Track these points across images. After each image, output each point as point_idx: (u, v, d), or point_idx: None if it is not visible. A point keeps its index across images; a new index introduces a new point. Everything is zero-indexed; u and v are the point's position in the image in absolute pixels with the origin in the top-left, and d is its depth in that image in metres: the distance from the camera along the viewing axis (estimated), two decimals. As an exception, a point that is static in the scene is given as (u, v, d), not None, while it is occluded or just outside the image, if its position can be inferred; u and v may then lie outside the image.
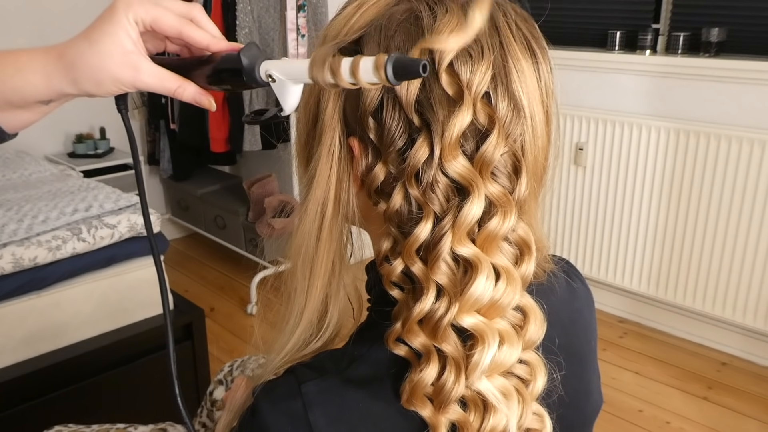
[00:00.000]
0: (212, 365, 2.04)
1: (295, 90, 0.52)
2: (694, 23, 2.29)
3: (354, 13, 0.52)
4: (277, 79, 0.52)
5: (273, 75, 0.52)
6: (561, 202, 2.63)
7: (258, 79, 0.52)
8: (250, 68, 0.52)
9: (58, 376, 1.63)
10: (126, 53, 0.53)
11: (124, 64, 0.52)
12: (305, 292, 0.57)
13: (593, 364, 0.69)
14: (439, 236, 0.49)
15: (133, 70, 0.53)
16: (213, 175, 3.36)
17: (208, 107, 0.57)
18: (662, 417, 2.07)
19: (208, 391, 1.15)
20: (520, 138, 0.51)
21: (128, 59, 0.53)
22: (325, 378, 0.52)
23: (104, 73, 0.53)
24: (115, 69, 0.52)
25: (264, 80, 0.52)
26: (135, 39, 0.53)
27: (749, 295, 2.23)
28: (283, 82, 0.52)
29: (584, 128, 2.50)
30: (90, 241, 1.68)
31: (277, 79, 0.52)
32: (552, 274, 0.62)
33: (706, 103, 2.25)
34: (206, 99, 0.57)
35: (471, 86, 0.47)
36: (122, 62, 0.52)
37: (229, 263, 3.14)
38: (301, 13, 2.52)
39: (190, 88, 0.56)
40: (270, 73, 0.52)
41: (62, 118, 2.93)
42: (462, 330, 0.49)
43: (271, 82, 0.52)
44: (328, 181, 0.54)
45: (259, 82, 0.53)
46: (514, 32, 0.51)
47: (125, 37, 0.52)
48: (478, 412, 0.50)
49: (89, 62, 0.52)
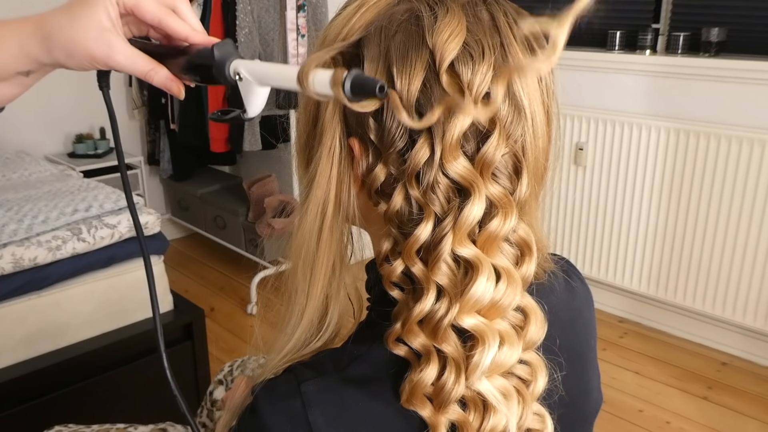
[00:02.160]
0: (212, 365, 2.04)
1: (260, 93, 0.53)
2: (694, 23, 2.29)
3: (354, 14, 0.52)
4: (244, 79, 0.52)
5: (241, 73, 0.52)
6: (561, 202, 2.63)
7: (227, 75, 0.53)
8: (220, 64, 0.53)
9: (58, 376, 1.63)
10: (102, 30, 0.54)
11: (98, 41, 0.53)
12: (305, 293, 0.57)
13: (593, 363, 0.69)
14: (439, 237, 0.49)
15: (107, 48, 0.54)
16: (213, 175, 3.36)
17: (177, 94, 0.58)
18: (662, 417, 2.07)
19: (208, 391, 1.15)
20: (520, 139, 0.51)
21: (103, 36, 0.54)
22: (324, 377, 0.52)
23: (78, 48, 0.53)
24: (90, 44, 0.53)
25: (232, 78, 0.53)
26: (113, 18, 0.54)
27: (749, 295, 2.23)
28: (249, 83, 0.53)
29: (584, 128, 2.51)
30: (90, 241, 1.68)
31: (244, 78, 0.52)
32: (551, 273, 0.62)
33: (706, 103, 2.25)
34: (176, 86, 0.57)
35: (472, 87, 0.47)
36: (97, 38, 0.53)
37: (229, 263, 3.14)
38: (301, 13, 2.52)
39: (162, 73, 0.56)
40: (238, 71, 0.53)
41: (62, 118, 2.93)
42: (462, 330, 0.49)
43: (238, 80, 0.53)
44: (329, 182, 0.54)
45: (227, 78, 0.53)
46: (515, 32, 0.51)
47: (104, 14, 0.54)
48: (478, 412, 0.50)
49: (65, 34, 0.53)
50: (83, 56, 0.54)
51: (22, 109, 2.80)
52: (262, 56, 2.67)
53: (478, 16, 0.50)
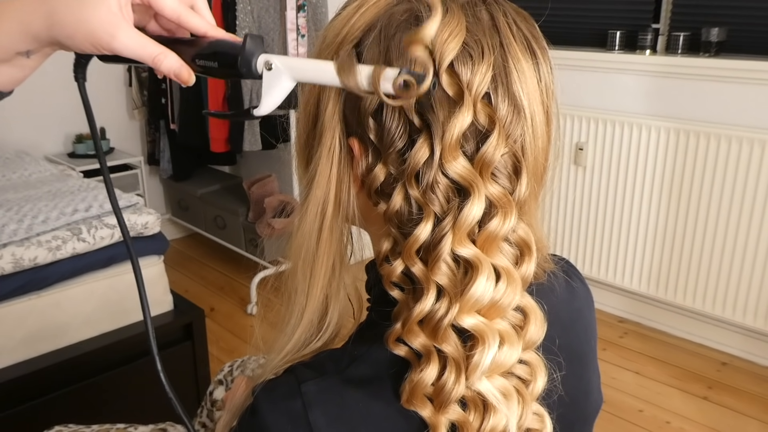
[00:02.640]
0: (212, 365, 2.04)
1: (284, 88, 0.52)
2: (694, 23, 2.29)
3: (354, 14, 0.52)
4: (275, 69, 0.51)
5: (273, 63, 0.51)
6: (561, 202, 2.63)
7: (253, 65, 0.52)
8: (249, 54, 0.52)
9: (58, 376, 1.63)
10: (111, 13, 0.52)
11: (105, 22, 0.52)
12: (305, 293, 0.57)
13: (593, 363, 0.69)
14: (439, 237, 0.49)
15: (114, 29, 0.52)
16: (213, 175, 3.36)
17: (185, 81, 0.55)
18: (662, 417, 2.07)
19: (208, 391, 1.15)
20: (520, 138, 0.51)
21: (110, 19, 0.52)
22: (325, 378, 0.52)
23: (81, 27, 0.52)
24: (95, 25, 0.52)
25: (257, 70, 0.52)
26: (123, 2, 0.53)
27: (749, 295, 2.23)
28: (279, 75, 0.52)
29: (584, 128, 2.51)
30: (90, 241, 1.68)
31: (275, 68, 0.51)
32: (552, 273, 0.62)
33: (706, 103, 2.25)
34: (186, 71, 0.55)
35: (471, 87, 0.47)
36: (104, 20, 0.52)
37: (229, 263, 3.14)
38: (301, 13, 2.52)
39: (171, 57, 0.54)
40: (270, 61, 0.52)
41: (62, 118, 2.93)
42: (462, 330, 0.49)
43: (266, 70, 0.52)
44: (329, 182, 0.54)
45: (252, 69, 0.52)
46: (515, 32, 0.51)
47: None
48: (478, 412, 0.50)
49: (71, 12, 0.52)
50: (85, 37, 0.52)
51: (23, 109, 2.81)
52: (262, 56, 2.67)
53: (478, 16, 0.50)
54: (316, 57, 0.54)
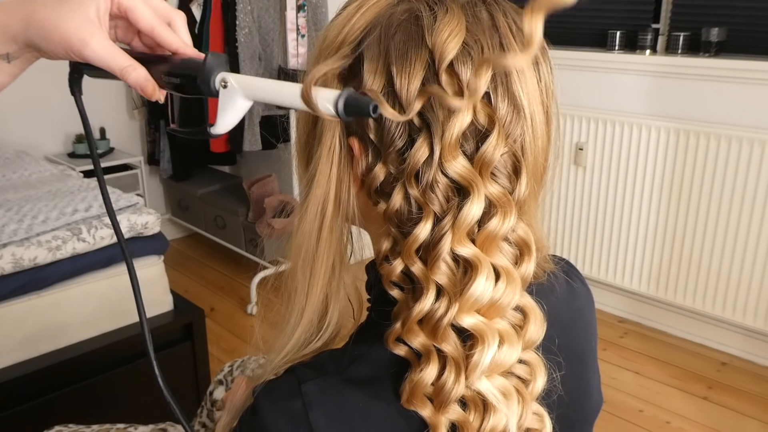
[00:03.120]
0: (212, 365, 2.04)
1: (240, 107, 0.52)
2: (694, 23, 2.29)
3: (354, 14, 0.52)
4: (229, 87, 0.52)
5: (227, 81, 0.52)
6: (561, 202, 2.63)
7: (211, 82, 0.52)
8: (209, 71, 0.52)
9: (58, 376, 1.63)
10: (86, 20, 0.53)
11: (79, 29, 0.52)
12: (305, 292, 0.57)
13: (593, 363, 0.69)
14: (438, 236, 0.49)
15: (87, 36, 0.52)
16: (213, 175, 3.36)
17: (150, 95, 0.56)
18: (662, 417, 2.07)
19: (208, 391, 1.15)
20: (520, 138, 0.51)
21: (85, 26, 0.53)
22: (325, 378, 0.52)
23: (56, 31, 0.52)
24: (70, 31, 0.52)
25: (215, 88, 0.52)
26: (101, 12, 0.54)
27: (749, 295, 2.23)
28: (233, 94, 0.52)
29: (584, 128, 2.51)
30: (90, 241, 1.68)
31: (230, 86, 0.52)
32: (552, 274, 0.62)
33: (706, 103, 2.25)
34: (151, 86, 0.55)
35: (471, 86, 0.47)
36: (78, 27, 0.52)
37: (229, 263, 3.14)
38: (301, 13, 2.52)
39: (140, 71, 0.55)
40: (225, 79, 0.52)
41: (62, 118, 2.93)
42: (462, 330, 0.49)
43: (221, 88, 0.52)
44: (328, 181, 0.54)
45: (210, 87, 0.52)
46: (514, 32, 0.51)
47: (93, 7, 0.53)
48: (478, 412, 0.50)
49: (48, 15, 0.52)
50: (59, 41, 0.52)
51: (23, 109, 2.81)
52: (262, 56, 2.67)
53: (478, 16, 0.50)
54: (316, 57, 0.54)
